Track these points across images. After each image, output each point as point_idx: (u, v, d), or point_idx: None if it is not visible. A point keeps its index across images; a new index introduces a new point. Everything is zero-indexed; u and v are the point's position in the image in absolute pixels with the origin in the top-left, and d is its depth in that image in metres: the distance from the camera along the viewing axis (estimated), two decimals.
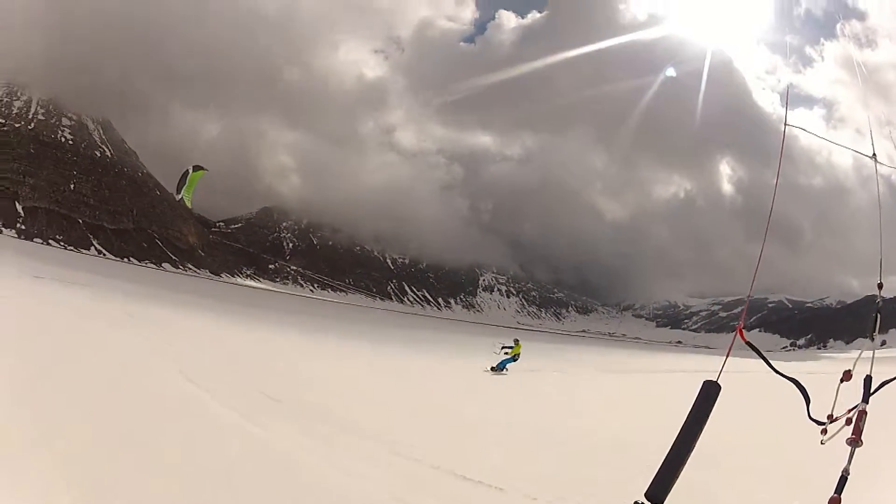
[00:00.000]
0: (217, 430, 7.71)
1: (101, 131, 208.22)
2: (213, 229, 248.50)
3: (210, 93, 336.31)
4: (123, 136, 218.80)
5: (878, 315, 3.38)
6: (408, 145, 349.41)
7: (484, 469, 7.30)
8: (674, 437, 2.94)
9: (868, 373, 3.11)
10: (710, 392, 3.01)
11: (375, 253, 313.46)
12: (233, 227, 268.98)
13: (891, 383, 3.18)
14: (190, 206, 17.34)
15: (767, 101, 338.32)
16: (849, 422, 2.98)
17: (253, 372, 13.68)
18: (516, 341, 23.95)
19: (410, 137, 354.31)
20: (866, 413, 2.93)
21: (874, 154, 3.88)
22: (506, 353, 22.99)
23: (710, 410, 2.94)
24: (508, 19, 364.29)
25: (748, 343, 3.22)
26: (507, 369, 22.22)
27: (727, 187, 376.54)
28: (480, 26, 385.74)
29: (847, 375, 3.22)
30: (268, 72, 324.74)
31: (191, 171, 16.68)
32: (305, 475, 6.41)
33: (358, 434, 8.50)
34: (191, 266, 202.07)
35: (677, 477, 2.83)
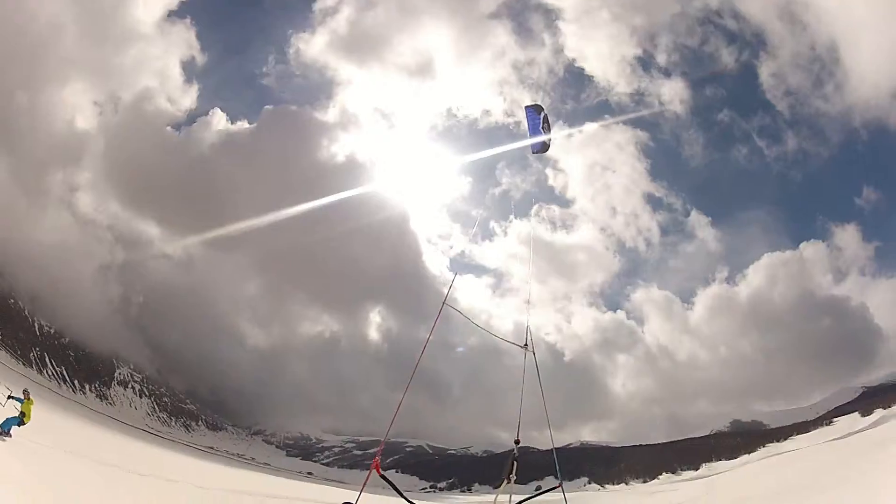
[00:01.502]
0: None
1: None
2: None
3: None
4: None
5: (515, 462, 4.48)
6: (84, 211, 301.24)
7: None
8: None
9: None
10: None
11: (26, 312, 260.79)
12: None
13: None
14: None
15: (434, 263, 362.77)
16: None
17: None
18: (26, 394, 18.63)
19: (89, 203, 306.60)
20: None
21: (526, 345, 4.61)
22: (15, 408, 17.84)
23: None
24: (220, 119, 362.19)
25: (383, 476, 3.70)
26: (10, 433, 17.26)
27: (374, 335, 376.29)
28: (192, 117, 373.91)
29: None
30: None
31: None
32: None
33: None
34: None
35: None
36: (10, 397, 18.12)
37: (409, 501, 3.51)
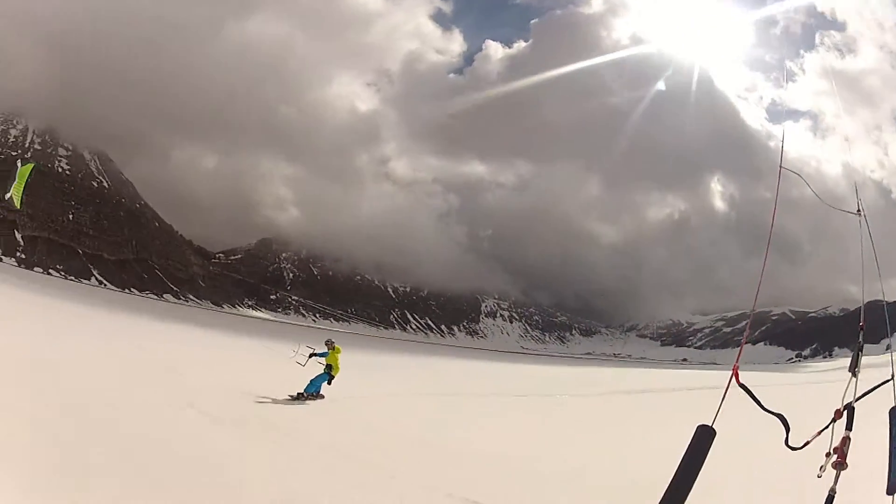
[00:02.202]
0: (225, 455, 7.78)
1: (98, 162, 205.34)
2: (212, 260, 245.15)
3: (207, 129, 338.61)
4: (120, 168, 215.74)
5: (861, 352, 3.74)
6: (403, 175, 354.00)
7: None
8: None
9: (851, 402, 3.27)
10: (703, 438, 2.78)
11: (376, 282, 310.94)
12: (232, 258, 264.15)
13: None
14: (18, 206, 15.68)
15: (752, 117, 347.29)
16: (836, 450, 3.11)
17: (256, 400, 13.27)
18: (330, 344, 15.80)
19: (405, 167, 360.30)
20: (850, 439, 3.16)
21: (859, 209, 4.05)
22: (319, 364, 15.38)
23: (705, 458, 2.72)
24: (496, 50, 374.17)
25: (741, 385, 3.10)
26: (321, 393, 14.80)
27: (719, 204, 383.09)
28: (468, 58, 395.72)
29: (838, 414, 3.32)
30: (263, 109, 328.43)
31: (20, 165, 15.73)
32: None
33: (358, 462, 8.30)
34: (192, 296, 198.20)
35: None
36: (312, 355, 15.69)
37: (763, 408, 3.28)
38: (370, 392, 18.93)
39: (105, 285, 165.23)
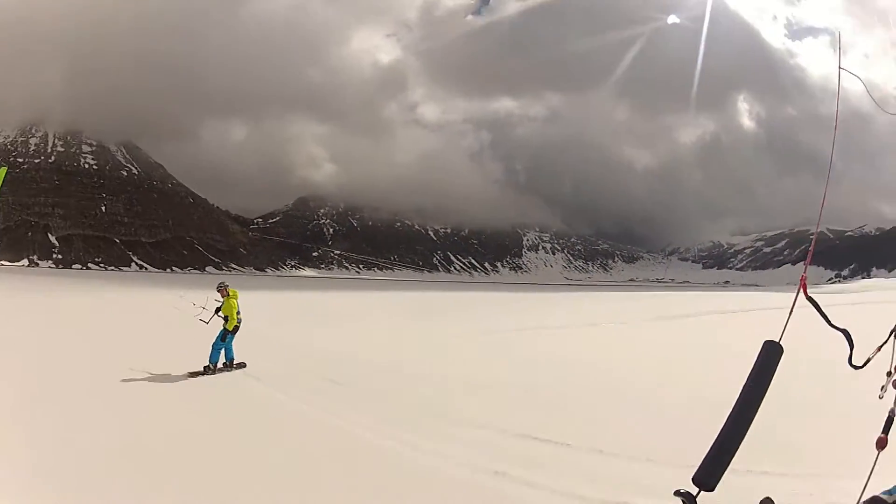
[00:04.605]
0: (294, 423, 7.50)
1: (125, 151, 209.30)
2: (251, 227, 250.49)
3: (234, 101, 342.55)
4: (148, 153, 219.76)
5: None
6: (432, 119, 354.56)
7: (550, 430, 6.91)
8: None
9: None
10: (770, 355, 2.68)
11: (417, 226, 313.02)
12: (270, 221, 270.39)
13: None
14: None
15: (771, 35, 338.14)
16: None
17: (316, 361, 12.80)
18: (223, 289, 11.35)
19: (434, 111, 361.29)
20: None
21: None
22: (220, 316, 11.24)
23: (772, 376, 2.65)
24: None
25: (810, 298, 2.91)
26: (230, 362, 10.95)
27: (748, 123, 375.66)
28: None
29: None
30: (288, 74, 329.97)
31: None
32: (391, 459, 6.06)
33: (433, 413, 7.99)
34: (234, 265, 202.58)
35: (731, 458, 2.48)
36: (218, 310, 11.50)
37: (830, 324, 2.99)
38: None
39: (146, 269, 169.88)
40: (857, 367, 3.06)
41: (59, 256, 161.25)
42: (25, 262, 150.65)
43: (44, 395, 8.00)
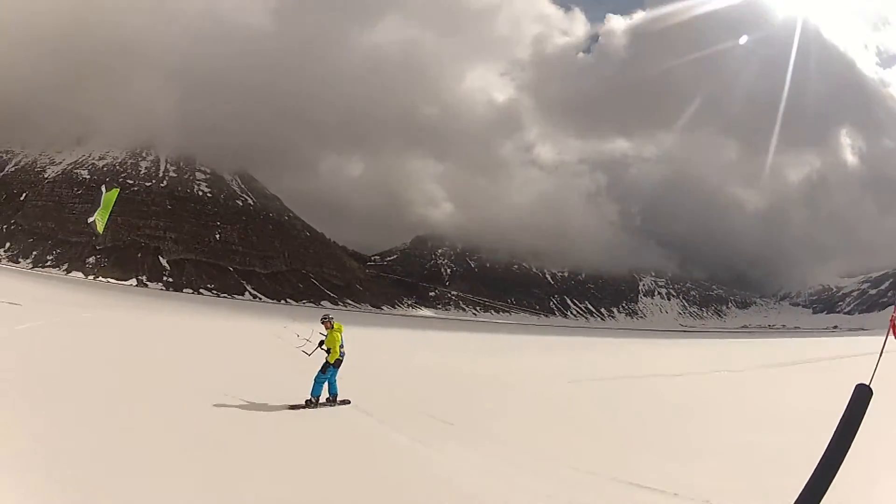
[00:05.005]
0: (391, 453, 7.85)
1: (240, 181, 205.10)
2: (368, 264, 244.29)
3: (351, 136, 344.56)
4: (265, 185, 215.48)
5: None
6: (548, 159, 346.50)
7: (659, 478, 7.08)
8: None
9: None
10: (861, 397, 2.73)
11: (534, 269, 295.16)
12: (388, 259, 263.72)
13: None
14: (101, 231, 14.46)
15: (866, 65, 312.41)
16: None
17: (423, 397, 13.39)
18: (328, 321, 11.34)
19: (550, 151, 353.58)
20: None
21: None
22: (323, 349, 11.23)
23: (862, 417, 2.71)
24: (618, 23, 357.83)
25: None
26: (333, 397, 11.07)
27: (851, 159, 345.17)
28: (593, 36, 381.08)
29: None
30: (404, 111, 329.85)
31: (104, 191, 14.73)
32: (475, 491, 6.28)
33: (531, 453, 8.29)
34: (350, 301, 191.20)
35: (826, 490, 2.58)
36: (321, 343, 11.52)
37: None
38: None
39: (260, 298, 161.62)
40: None
41: (170, 280, 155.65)
42: (134, 281, 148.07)
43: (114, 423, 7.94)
